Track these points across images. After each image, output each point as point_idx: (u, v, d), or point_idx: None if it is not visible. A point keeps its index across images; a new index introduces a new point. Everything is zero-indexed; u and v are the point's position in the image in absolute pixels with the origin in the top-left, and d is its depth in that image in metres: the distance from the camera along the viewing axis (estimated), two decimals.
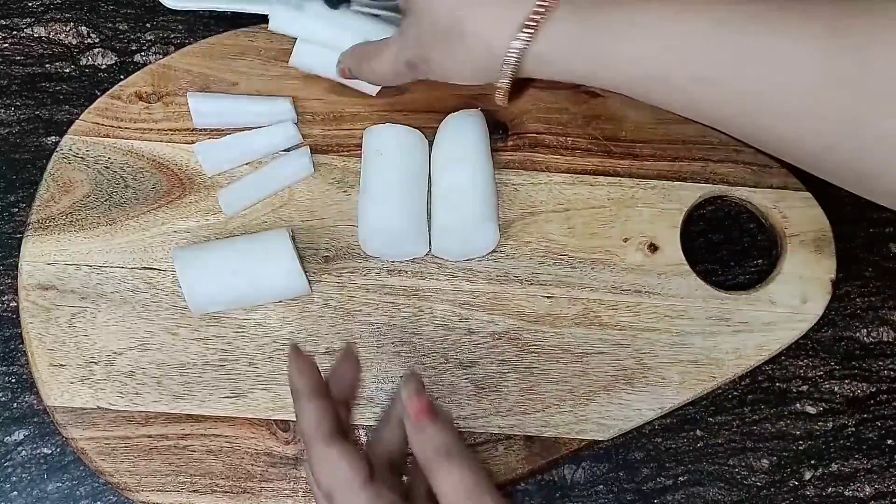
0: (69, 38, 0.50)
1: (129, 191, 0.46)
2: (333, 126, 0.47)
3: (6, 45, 0.50)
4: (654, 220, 0.46)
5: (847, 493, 0.44)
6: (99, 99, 0.47)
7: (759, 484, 0.44)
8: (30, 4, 0.51)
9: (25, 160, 0.48)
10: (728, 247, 0.48)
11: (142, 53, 0.50)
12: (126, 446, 0.42)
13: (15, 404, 0.45)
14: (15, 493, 0.43)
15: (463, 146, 0.44)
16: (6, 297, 0.46)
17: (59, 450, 0.44)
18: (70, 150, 0.46)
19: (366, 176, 0.44)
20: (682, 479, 0.44)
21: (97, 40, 0.50)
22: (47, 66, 0.50)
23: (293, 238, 0.45)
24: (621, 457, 0.44)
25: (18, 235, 0.46)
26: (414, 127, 0.45)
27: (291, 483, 0.42)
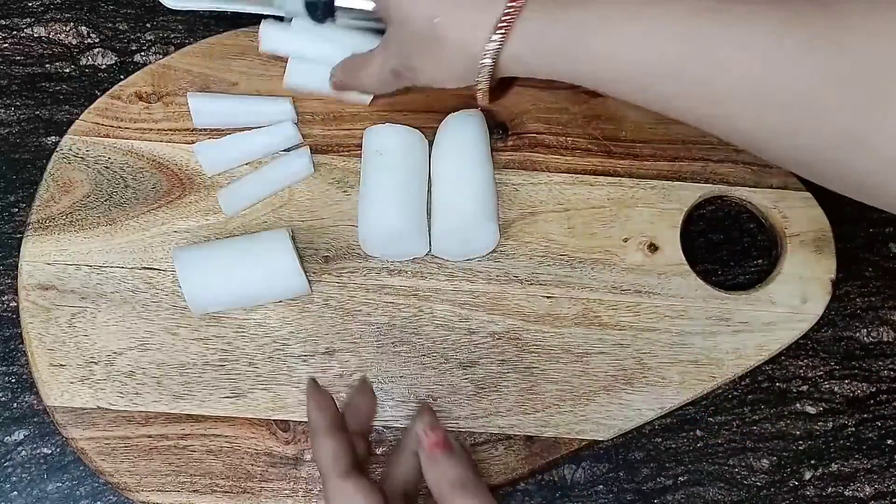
0: (69, 38, 0.50)
1: (129, 191, 0.46)
2: (333, 126, 0.47)
3: (6, 45, 0.50)
4: (654, 220, 0.46)
5: (847, 493, 0.44)
6: (99, 99, 0.47)
7: (759, 484, 0.44)
8: (30, 4, 0.51)
9: (25, 160, 0.48)
10: (728, 247, 0.48)
11: (142, 53, 0.50)
12: (126, 446, 0.42)
13: (15, 404, 0.45)
14: (15, 493, 0.43)
15: (463, 146, 0.44)
16: (6, 297, 0.46)
17: (59, 450, 0.44)
18: (70, 150, 0.46)
19: (366, 176, 0.44)
20: (682, 479, 0.44)
21: (97, 40, 0.50)
22: (47, 66, 0.50)
23: (293, 238, 0.45)
24: (621, 457, 0.44)
25: (18, 235, 0.46)
26: (414, 127, 0.45)
27: (291, 483, 0.42)
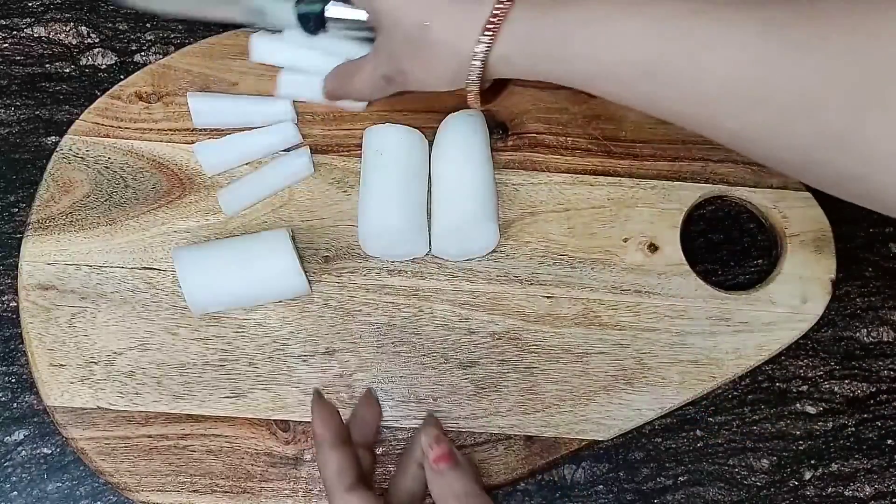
0: (69, 38, 0.50)
1: (129, 191, 0.46)
2: (333, 126, 0.47)
3: (6, 45, 0.50)
4: (654, 220, 0.46)
5: (847, 493, 0.44)
6: (99, 99, 0.47)
7: (759, 484, 0.44)
8: (30, 4, 0.51)
9: (25, 160, 0.48)
10: (728, 247, 0.48)
11: (142, 53, 0.50)
12: (126, 446, 0.42)
13: (15, 404, 0.45)
14: (15, 493, 0.43)
15: (463, 146, 0.44)
16: (6, 297, 0.46)
17: (59, 450, 0.44)
18: (70, 150, 0.46)
19: (366, 176, 0.44)
20: (682, 479, 0.44)
21: (97, 40, 0.50)
22: (47, 66, 0.50)
23: (293, 238, 0.45)
24: (621, 457, 0.44)
25: (18, 235, 0.46)
26: (414, 127, 0.45)
27: (291, 483, 0.42)
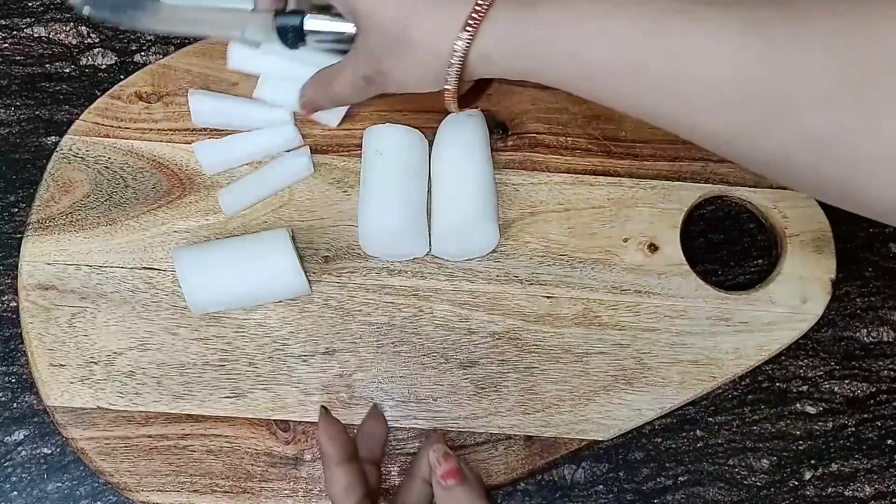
0: (69, 38, 0.50)
1: (129, 191, 0.46)
2: (333, 126, 0.47)
3: (6, 45, 0.50)
4: (654, 220, 0.46)
5: (847, 493, 0.44)
6: (99, 99, 0.47)
7: (759, 484, 0.44)
8: (30, 4, 0.51)
9: (25, 160, 0.48)
10: (728, 247, 0.48)
11: (142, 53, 0.50)
12: (126, 446, 0.42)
13: (15, 404, 0.45)
14: (15, 493, 0.43)
15: (463, 146, 0.44)
16: (6, 297, 0.46)
17: (59, 450, 0.44)
18: (70, 150, 0.46)
19: (366, 176, 0.44)
20: (682, 479, 0.44)
21: (97, 40, 0.50)
22: (47, 66, 0.50)
23: (293, 238, 0.45)
24: (621, 457, 0.44)
25: (18, 235, 0.46)
26: (414, 127, 0.45)
27: (291, 483, 0.42)
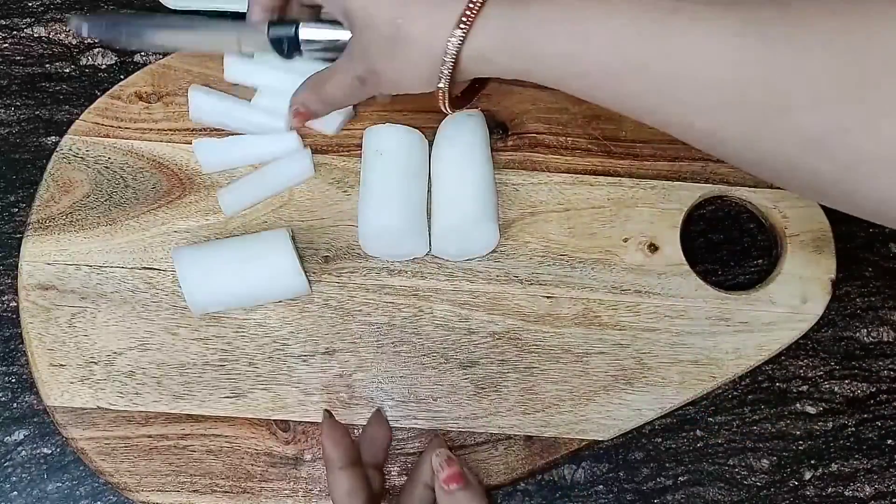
0: (69, 38, 0.50)
1: (129, 191, 0.46)
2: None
3: (6, 45, 0.50)
4: (654, 220, 0.46)
5: (847, 493, 0.44)
6: (99, 99, 0.47)
7: (759, 484, 0.44)
8: (30, 4, 0.51)
9: (25, 160, 0.48)
10: (728, 247, 0.48)
11: (142, 53, 0.50)
12: (126, 446, 0.42)
13: (15, 404, 0.45)
14: (15, 493, 0.43)
15: (463, 146, 0.44)
16: (6, 297, 0.46)
17: (59, 450, 0.44)
18: (70, 150, 0.46)
19: (366, 176, 0.44)
20: (682, 479, 0.44)
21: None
22: (47, 66, 0.50)
23: (293, 238, 0.45)
24: (621, 457, 0.44)
25: (18, 235, 0.46)
26: (414, 127, 0.45)
27: (291, 483, 0.42)
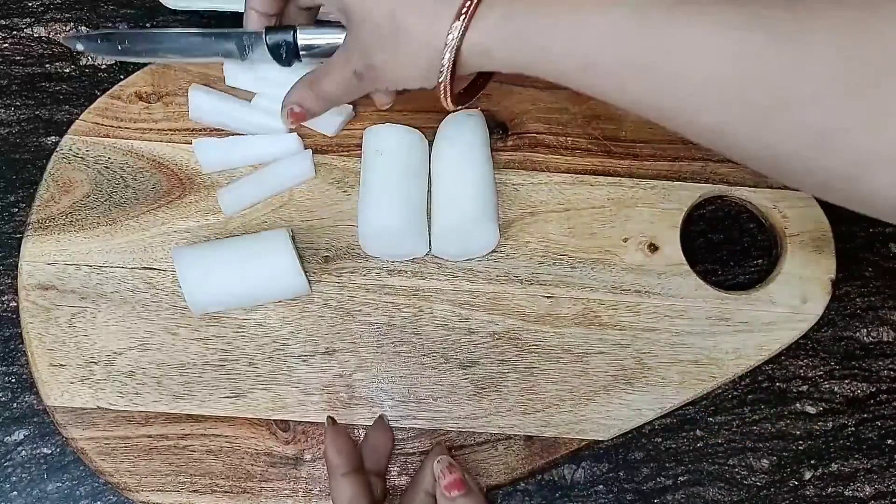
0: None
1: (129, 191, 0.46)
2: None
3: (6, 45, 0.50)
4: (654, 220, 0.46)
5: (847, 493, 0.44)
6: (99, 99, 0.47)
7: (759, 484, 0.44)
8: (30, 4, 0.51)
9: (25, 160, 0.48)
10: (728, 247, 0.48)
11: None
12: (126, 446, 0.42)
13: (15, 404, 0.45)
14: (15, 493, 0.43)
15: (463, 146, 0.44)
16: (6, 297, 0.46)
17: (59, 450, 0.44)
18: (70, 150, 0.46)
19: (366, 176, 0.44)
20: (682, 479, 0.44)
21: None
22: (47, 66, 0.50)
23: (293, 238, 0.45)
24: (621, 457, 0.44)
25: (18, 235, 0.46)
26: (414, 127, 0.45)
27: (291, 483, 0.42)
